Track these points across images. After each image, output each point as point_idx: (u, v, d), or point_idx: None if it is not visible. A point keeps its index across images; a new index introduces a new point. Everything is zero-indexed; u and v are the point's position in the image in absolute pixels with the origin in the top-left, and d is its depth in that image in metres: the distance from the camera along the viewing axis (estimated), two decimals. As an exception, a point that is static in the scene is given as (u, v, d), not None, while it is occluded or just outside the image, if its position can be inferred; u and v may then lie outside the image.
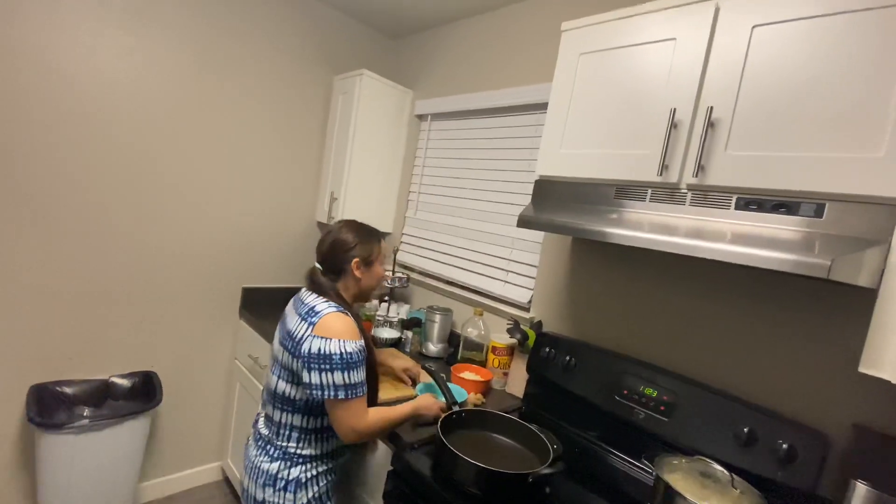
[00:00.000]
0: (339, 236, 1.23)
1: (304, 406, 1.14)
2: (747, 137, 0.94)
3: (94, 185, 1.73)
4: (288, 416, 1.15)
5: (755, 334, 1.17)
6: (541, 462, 1.09)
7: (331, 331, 1.07)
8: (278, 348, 1.17)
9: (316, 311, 1.11)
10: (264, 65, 2.09)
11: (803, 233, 0.86)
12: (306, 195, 2.36)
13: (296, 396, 1.13)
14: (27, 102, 1.57)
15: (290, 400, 1.14)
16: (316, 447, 1.16)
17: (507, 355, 1.63)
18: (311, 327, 1.08)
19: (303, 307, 1.15)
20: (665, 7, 1.08)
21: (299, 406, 1.14)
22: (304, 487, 1.14)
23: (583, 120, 1.23)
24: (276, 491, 1.13)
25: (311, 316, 1.11)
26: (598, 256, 1.52)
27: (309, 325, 1.09)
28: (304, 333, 1.09)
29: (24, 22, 1.52)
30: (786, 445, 0.99)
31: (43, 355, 1.71)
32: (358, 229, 1.25)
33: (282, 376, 1.15)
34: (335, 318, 1.09)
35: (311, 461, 1.16)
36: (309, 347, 1.06)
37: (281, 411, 1.16)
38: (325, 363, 1.04)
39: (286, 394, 1.14)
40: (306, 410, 1.14)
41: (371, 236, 1.26)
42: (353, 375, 1.07)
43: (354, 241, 1.22)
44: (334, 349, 1.05)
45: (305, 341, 1.07)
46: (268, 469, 1.14)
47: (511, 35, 1.91)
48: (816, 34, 0.87)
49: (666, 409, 1.19)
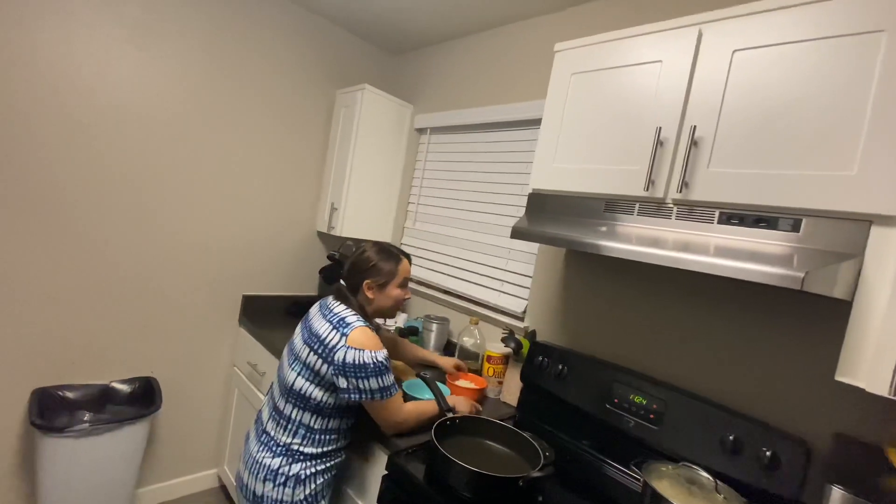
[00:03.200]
0: (359, 256, 1.32)
1: (316, 406, 1.19)
2: (728, 155, 0.99)
3: (98, 193, 1.78)
4: (299, 413, 1.21)
5: (741, 344, 1.21)
6: (532, 468, 1.12)
7: (363, 343, 1.17)
8: (302, 346, 1.23)
9: (346, 322, 1.20)
10: (269, 78, 2.15)
11: (782, 246, 0.91)
12: (307, 205, 2.41)
13: (312, 395, 1.19)
14: (39, 112, 1.62)
15: (305, 398, 1.19)
16: (318, 446, 1.21)
17: (502, 364, 1.66)
18: (345, 338, 1.17)
19: (332, 315, 1.23)
20: (652, 31, 1.14)
21: (312, 405, 1.19)
22: (303, 484, 1.19)
23: (574, 136, 1.28)
24: (276, 486, 1.17)
25: (342, 326, 1.19)
26: (590, 268, 1.56)
27: (342, 336, 1.17)
28: (338, 343, 1.17)
29: (38, 35, 1.58)
30: (770, 453, 1.02)
31: (45, 359, 1.74)
32: (379, 251, 1.32)
33: (302, 374, 1.20)
34: (363, 333, 1.19)
35: (311, 459, 1.20)
36: (343, 357, 1.15)
37: (293, 407, 1.21)
38: (360, 371, 1.14)
39: (303, 391, 1.19)
40: (317, 411, 1.20)
41: (389, 259, 1.31)
42: (385, 379, 1.18)
43: (371, 262, 1.30)
44: (367, 359, 1.15)
45: (339, 351, 1.15)
46: (269, 464, 1.19)
47: (507, 54, 1.98)
48: (793, 59, 0.92)
49: (655, 417, 1.22)
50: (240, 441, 2.05)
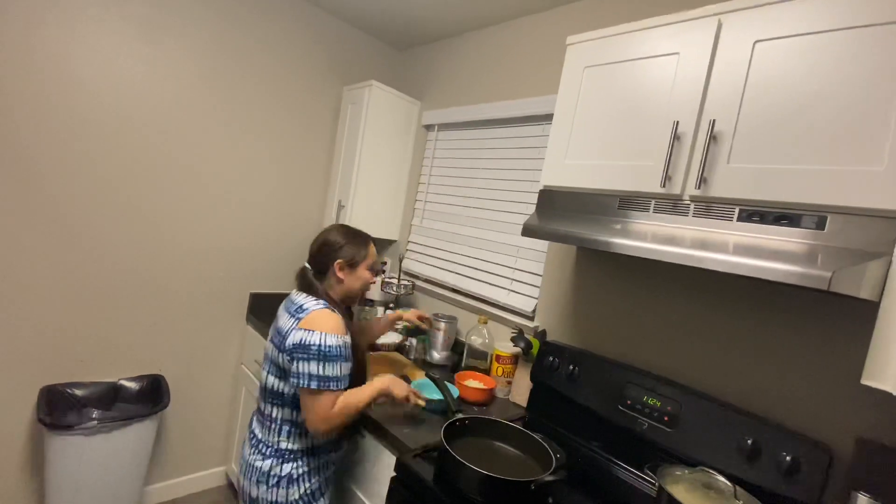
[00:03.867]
0: (327, 237, 1.28)
1: (291, 399, 1.18)
2: (749, 150, 0.95)
3: (107, 192, 1.78)
4: (278, 410, 1.19)
5: (759, 345, 1.17)
6: (544, 470, 1.10)
7: (314, 324, 1.12)
8: (269, 346, 1.23)
9: (304, 307, 1.17)
10: (276, 74, 2.14)
11: (805, 245, 0.87)
12: (314, 203, 2.40)
13: (284, 390, 1.18)
14: (46, 109, 1.62)
15: (279, 394, 1.18)
16: (305, 440, 1.20)
17: (511, 364, 1.64)
18: (298, 321, 1.14)
19: (292, 305, 1.21)
20: (669, 22, 1.10)
21: (287, 399, 1.18)
22: (296, 483, 1.18)
23: (587, 131, 1.25)
24: (269, 488, 1.16)
25: (299, 312, 1.17)
26: (602, 266, 1.53)
27: (296, 321, 1.15)
28: (290, 327, 1.14)
29: (47, 32, 1.58)
30: (789, 457, 0.99)
31: (54, 357, 1.74)
32: (346, 232, 1.29)
33: (271, 371, 1.20)
34: (321, 314, 1.15)
35: (301, 456, 1.19)
36: (292, 339, 1.12)
37: (272, 405, 1.20)
38: (303, 353, 1.10)
39: (275, 388, 1.19)
40: (294, 404, 1.18)
41: (358, 240, 1.29)
42: (329, 368, 1.10)
43: (341, 242, 1.26)
44: (314, 340, 1.10)
45: (290, 334, 1.13)
46: (260, 466, 1.18)
47: (517, 48, 1.94)
48: (818, 49, 0.88)
49: (669, 419, 1.19)
50: (247, 439, 2.05)
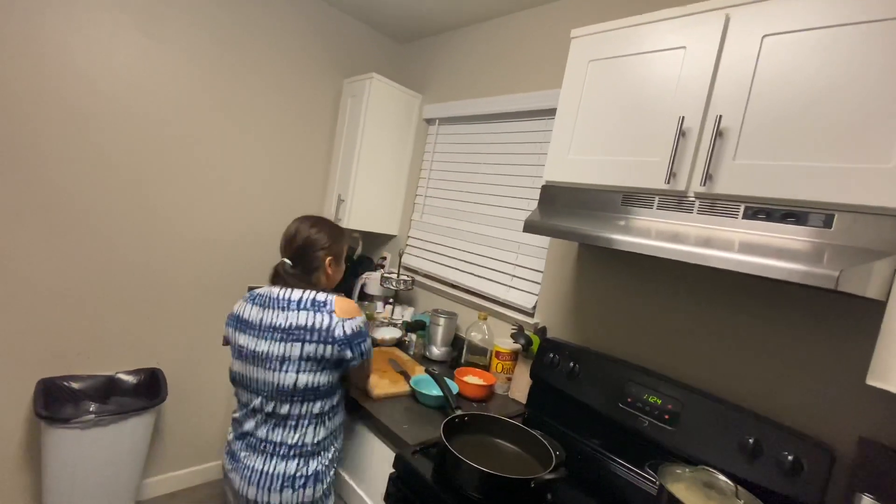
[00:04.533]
0: (312, 235, 1.27)
1: (326, 391, 1.19)
2: (756, 147, 0.94)
3: (104, 183, 1.76)
4: (307, 406, 1.17)
5: (762, 344, 1.16)
6: (543, 468, 1.09)
7: (349, 312, 1.19)
8: (283, 347, 1.13)
9: (320, 301, 1.17)
10: (275, 67, 2.11)
11: (812, 243, 0.86)
12: (314, 197, 2.38)
13: (320, 382, 1.16)
14: (45, 101, 1.59)
15: (314, 389, 1.16)
16: (327, 427, 1.21)
17: (511, 360, 1.63)
18: (334, 314, 1.16)
19: (295, 303, 1.16)
20: (675, 16, 1.08)
21: (322, 391, 1.18)
22: (321, 480, 1.18)
23: (591, 126, 1.24)
24: (296, 490, 1.13)
25: (322, 306, 1.17)
26: (604, 263, 1.52)
27: (329, 314, 1.16)
28: (332, 321, 1.15)
29: (44, 22, 1.55)
30: (791, 457, 0.98)
31: (51, 350, 1.73)
32: (329, 228, 1.31)
33: (303, 369, 1.13)
34: (343, 300, 1.20)
35: (323, 449, 1.20)
36: (344, 330, 1.15)
37: (301, 403, 1.16)
38: (360, 337, 1.19)
39: (310, 384, 1.15)
40: (327, 394, 1.20)
41: (341, 234, 1.34)
42: (371, 338, 1.27)
43: (327, 239, 1.28)
44: (361, 325, 1.21)
45: (337, 327, 1.15)
46: (284, 471, 1.13)
47: (520, 41, 1.92)
48: (827, 45, 0.86)
49: (670, 417, 1.18)
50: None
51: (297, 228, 1.28)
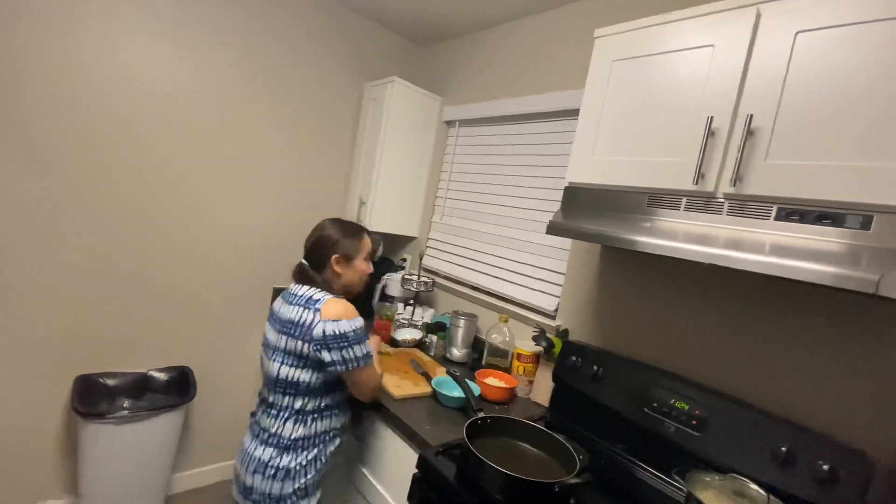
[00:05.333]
0: (322, 233, 1.30)
1: (306, 388, 1.19)
2: (789, 146, 0.91)
3: (140, 187, 1.82)
4: (289, 399, 1.20)
5: (795, 349, 1.13)
6: (566, 472, 1.08)
7: (337, 314, 1.17)
8: (277, 337, 1.22)
9: (314, 299, 1.20)
10: (299, 72, 2.16)
11: (849, 245, 0.83)
12: (336, 199, 2.41)
13: (300, 379, 1.18)
14: (83, 108, 1.66)
15: (294, 383, 1.19)
16: (309, 427, 1.21)
17: (533, 363, 1.62)
18: (318, 313, 1.16)
19: (298, 299, 1.22)
20: (703, 14, 1.06)
21: (302, 388, 1.19)
22: (292, 478, 1.18)
23: (615, 127, 1.22)
24: (265, 479, 1.17)
25: (312, 304, 1.19)
26: (628, 265, 1.49)
27: (315, 312, 1.17)
28: (313, 319, 1.16)
29: (81, 32, 1.62)
30: (827, 466, 0.95)
31: (88, 347, 1.80)
32: (340, 226, 1.32)
33: (285, 362, 1.19)
34: (336, 303, 1.19)
35: (301, 448, 1.20)
36: (322, 330, 1.14)
37: (283, 395, 1.21)
38: (342, 341, 1.15)
39: (290, 378, 1.19)
40: (308, 392, 1.20)
41: (353, 233, 1.32)
42: (364, 346, 1.21)
43: (336, 237, 1.29)
44: (347, 328, 1.16)
45: (316, 326, 1.15)
46: (259, 456, 1.19)
47: (540, 42, 1.91)
48: (864, 40, 0.84)
49: (698, 423, 1.16)
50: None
51: (315, 227, 1.34)
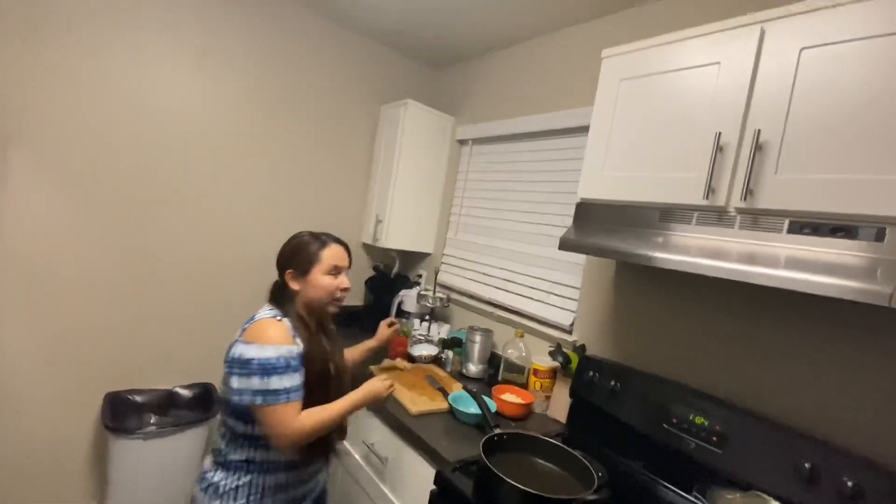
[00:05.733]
0: (282, 248, 1.22)
1: (233, 408, 1.08)
2: (799, 160, 0.92)
3: (165, 210, 1.91)
4: (229, 419, 1.11)
5: (816, 363, 1.11)
6: (584, 489, 1.07)
7: (254, 335, 1.05)
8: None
9: (253, 317, 1.11)
10: (316, 96, 2.24)
11: (863, 258, 0.83)
12: (353, 218, 2.47)
13: (227, 395, 1.10)
14: (116, 133, 1.76)
15: (226, 402, 1.10)
16: (244, 452, 1.10)
17: (549, 378, 1.62)
18: (241, 332, 1.08)
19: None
20: (708, 32, 1.08)
21: (230, 407, 1.09)
22: (221, 497, 1.08)
23: (625, 143, 1.24)
24: (200, 490, 1.12)
25: (247, 322, 1.10)
26: (643, 279, 1.49)
27: (240, 331, 1.09)
28: (234, 338, 1.09)
29: (111, 62, 1.73)
30: (851, 483, 0.93)
31: (118, 364, 1.87)
32: (296, 238, 1.22)
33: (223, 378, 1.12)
34: (265, 324, 1.07)
35: (236, 470, 1.09)
36: (231, 352, 1.06)
37: (223, 412, 1.14)
38: (242, 367, 1.02)
39: (223, 394, 1.12)
40: (233, 412, 1.09)
41: (309, 244, 1.19)
42: (273, 381, 1.01)
43: (287, 249, 1.20)
44: (252, 354, 1.02)
45: (232, 346, 1.07)
46: (202, 465, 1.15)
47: (550, 62, 1.95)
48: (869, 55, 0.85)
49: (718, 439, 1.14)
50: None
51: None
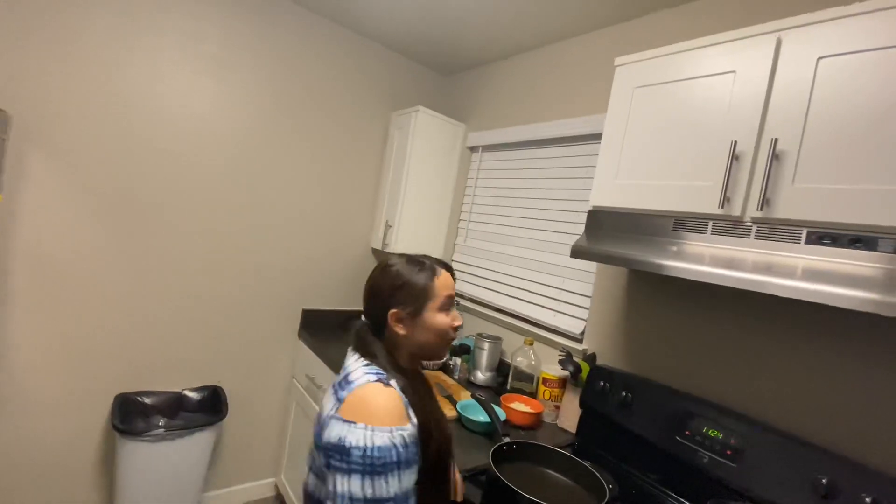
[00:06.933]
0: (381, 275, 0.93)
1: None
2: (817, 170, 0.91)
3: (176, 213, 1.93)
4: None
5: (833, 376, 1.09)
6: (595, 501, 1.06)
7: (357, 410, 0.77)
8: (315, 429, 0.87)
9: (349, 379, 0.83)
10: (328, 101, 2.26)
11: (883, 269, 0.81)
12: (363, 223, 2.49)
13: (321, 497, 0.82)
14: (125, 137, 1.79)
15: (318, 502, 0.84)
16: None
17: (559, 387, 1.60)
18: (339, 405, 0.80)
19: (342, 374, 0.88)
20: (723, 41, 1.08)
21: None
22: None
23: (638, 151, 1.24)
24: None
25: (342, 387, 0.83)
26: (656, 288, 1.48)
27: (337, 402, 0.81)
28: (329, 412, 0.80)
29: (131, 72, 1.76)
30: (870, 499, 0.90)
31: (128, 366, 1.89)
32: (407, 263, 0.93)
33: (312, 468, 0.87)
34: (368, 392, 0.80)
35: None
36: (329, 434, 0.77)
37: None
38: (342, 460, 0.74)
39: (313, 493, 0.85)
40: None
41: (417, 276, 0.90)
42: (379, 485, 0.72)
43: (394, 283, 0.90)
44: (356, 441, 0.73)
45: (328, 424, 0.78)
46: None
47: (562, 69, 1.96)
48: (889, 64, 0.84)
49: (732, 452, 1.12)
50: (297, 452, 2.11)
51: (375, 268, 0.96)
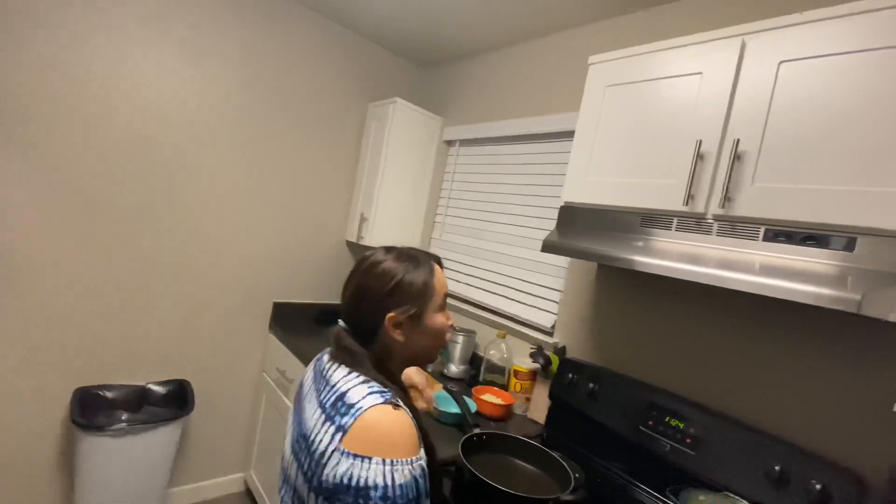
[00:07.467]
0: (362, 280, 0.80)
1: None
2: (775, 169, 0.94)
3: (140, 202, 1.86)
4: None
5: (787, 368, 1.14)
6: (562, 489, 1.08)
7: (374, 443, 0.65)
8: (289, 457, 0.75)
9: (349, 401, 0.69)
10: (304, 92, 2.22)
11: (835, 266, 0.86)
12: (337, 215, 2.45)
13: None
14: (94, 123, 1.71)
15: None
16: None
17: (530, 380, 1.63)
18: (342, 435, 0.66)
19: (328, 391, 0.73)
20: (691, 43, 1.11)
21: None
22: None
23: (609, 149, 1.26)
24: None
25: (340, 412, 0.68)
26: (624, 283, 1.52)
27: (337, 431, 0.66)
28: (328, 445, 0.66)
29: (92, 54, 1.68)
30: (819, 486, 0.96)
31: (88, 359, 1.81)
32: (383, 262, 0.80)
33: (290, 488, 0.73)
34: (382, 420, 0.67)
35: None
36: (335, 473, 0.64)
37: None
38: (358, 499, 0.62)
39: None
40: None
41: (414, 271, 0.79)
42: None
43: (376, 285, 0.78)
44: (375, 479, 0.62)
45: (330, 460, 0.65)
46: None
47: (539, 66, 1.97)
48: (845, 70, 0.88)
49: (692, 441, 1.17)
50: (266, 447, 2.08)
51: (357, 262, 0.83)
